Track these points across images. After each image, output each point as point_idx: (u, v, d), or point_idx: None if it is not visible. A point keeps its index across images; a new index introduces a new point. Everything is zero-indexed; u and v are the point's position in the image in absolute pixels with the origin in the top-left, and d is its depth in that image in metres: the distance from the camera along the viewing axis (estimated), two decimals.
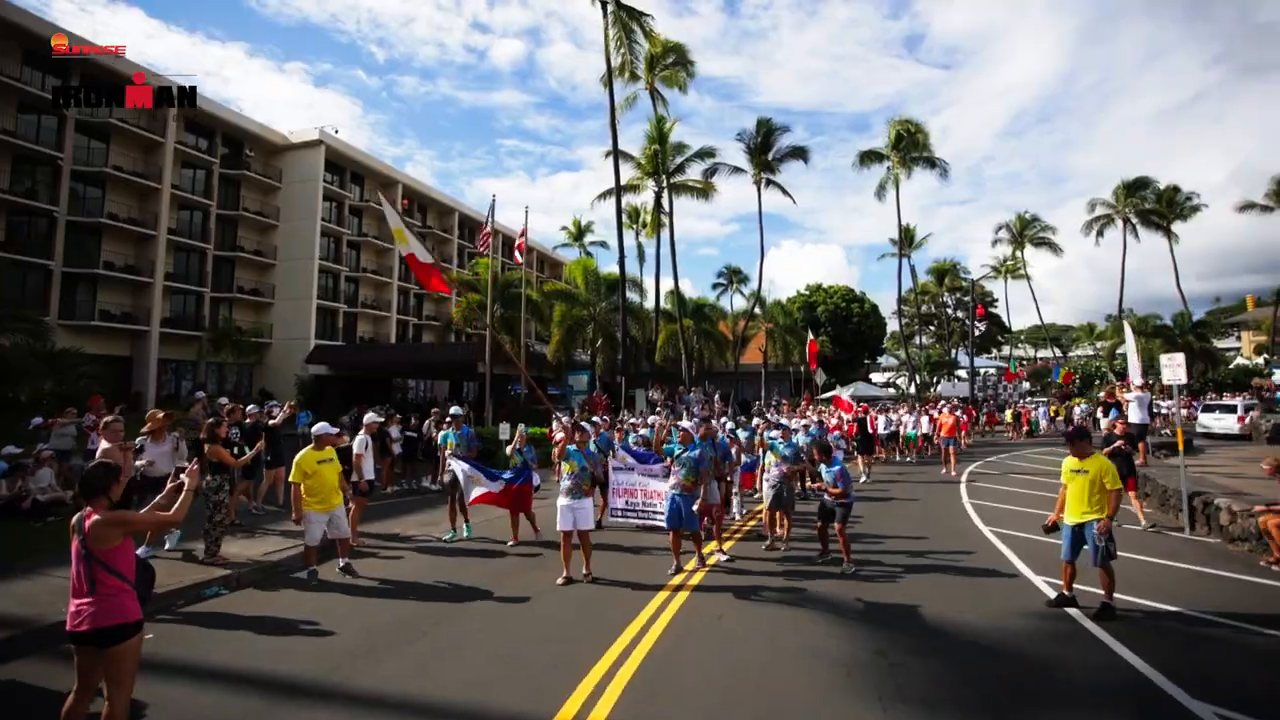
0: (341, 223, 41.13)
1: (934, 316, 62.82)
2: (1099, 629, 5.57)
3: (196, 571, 6.83)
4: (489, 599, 6.50)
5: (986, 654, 5.14)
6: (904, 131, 38.05)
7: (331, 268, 40.03)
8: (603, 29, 24.64)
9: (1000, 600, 6.42)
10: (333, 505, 7.03)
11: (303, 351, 34.87)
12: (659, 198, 29.58)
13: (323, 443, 7.13)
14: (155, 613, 5.89)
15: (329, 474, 7.09)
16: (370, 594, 6.68)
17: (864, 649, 5.18)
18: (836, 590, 6.76)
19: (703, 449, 7.78)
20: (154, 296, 31.39)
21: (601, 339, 29.59)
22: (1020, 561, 7.80)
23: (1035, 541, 8.71)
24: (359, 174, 43.02)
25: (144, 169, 31.48)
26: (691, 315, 34.42)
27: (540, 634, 5.54)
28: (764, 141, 32.44)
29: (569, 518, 7.00)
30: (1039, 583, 6.96)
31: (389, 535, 9.20)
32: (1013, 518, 10.51)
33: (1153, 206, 45.51)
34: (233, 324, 34.44)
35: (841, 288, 51.42)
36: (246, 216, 36.85)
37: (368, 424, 9.07)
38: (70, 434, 11.46)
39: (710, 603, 6.34)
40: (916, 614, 6.03)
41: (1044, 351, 78.73)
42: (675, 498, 7.37)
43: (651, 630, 5.57)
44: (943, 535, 9.33)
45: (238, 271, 37.21)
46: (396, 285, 45.38)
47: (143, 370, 30.86)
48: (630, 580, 7.03)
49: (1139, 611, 6.06)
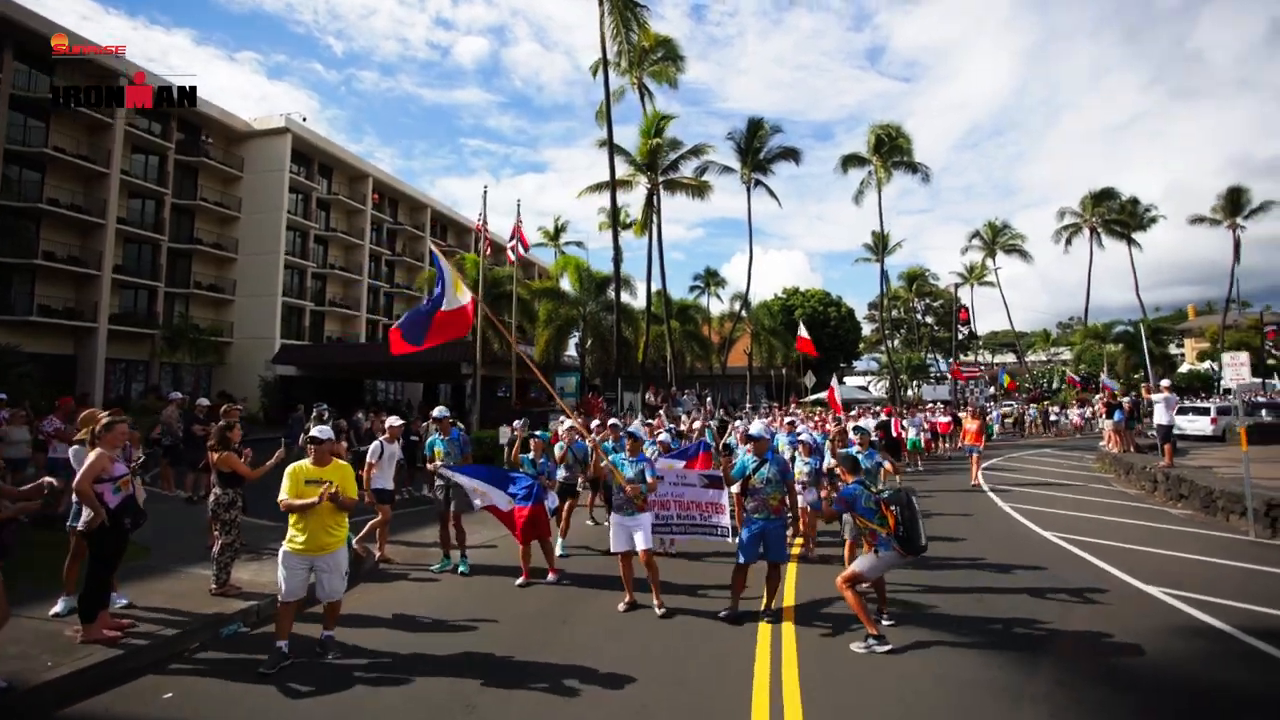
0: (309, 216, 39.00)
1: (904, 321, 63.63)
2: (1269, 646, 4.94)
3: (208, 603, 5.67)
4: (555, 642, 5.50)
5: (1161, 679, 4.51)
6: (884, 135, 38.10)
7: (298, 263, 37.89)
8: (599, 17, 23.71)
9: (1136, 618, 5.76)
10: (324, 548, 4.84)
11: (266, 351, 32.78)
12: (651, 195, 28.74)
13: (324, 454, 4.99)
14: (167, 660, 4.76)
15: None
16: (410, 628, 5.65)
17: (1035, 678, 4.46)
18: (950, 607, 6.02)
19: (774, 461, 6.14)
20: (101, 290, 28.93)
21: (591, 339, 28.54)
22: (1123, 573, 7.18)
23: (1120, 549, 8.22)
24: (328, 165, 40.90)
25: (90, 152, 29.04)
26: (677, 317, 33.73)
27: (660, 677, 4.62)
28: (754, 141, 31.98)
29: (623, 537, 6.01)
30: (1159, 594, 6.36)
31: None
32: (1074, 523, 10.01)
33: (1116, 216, 46.88)
34: (190, 321, 32.12)
35: (819, 291, 51.55)
36: (205, 207, 34.53)
37: (391, 429, 7.95)
38: (24, 439, 9.94)
39: (826, 632, 5.48)
40: (1059, 636, 5.33)
41: (1001, 357, 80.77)
42: (761, 524, 5.80)
43: (786, 668, 4.71)
44: (1016, 548, 8.56)
45: (195, 265, 34.82)
46: (366, 283, 43.34)
47: (88, 370, 28.41)
48: (699, 609, 6.01)
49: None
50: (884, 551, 5.27)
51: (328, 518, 4.84)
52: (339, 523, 4.95)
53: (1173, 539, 9.04)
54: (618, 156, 25.90)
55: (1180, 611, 5.91)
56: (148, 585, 6.05)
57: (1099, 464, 18.16)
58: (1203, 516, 10.70)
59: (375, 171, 44.04)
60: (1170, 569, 7.35)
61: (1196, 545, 8.62)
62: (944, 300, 57.82)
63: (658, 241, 28.80)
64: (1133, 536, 9.12)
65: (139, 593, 5.77)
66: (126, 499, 4.93)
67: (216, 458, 6.00)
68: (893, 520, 5.22)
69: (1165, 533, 9.49)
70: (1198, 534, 9.39)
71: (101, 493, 4.79)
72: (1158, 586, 6.61)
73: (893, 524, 5.21)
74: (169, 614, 5.36)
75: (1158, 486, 13.08)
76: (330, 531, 4.87)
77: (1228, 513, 10.31)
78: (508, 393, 28.53)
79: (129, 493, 4.96)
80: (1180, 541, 8.86)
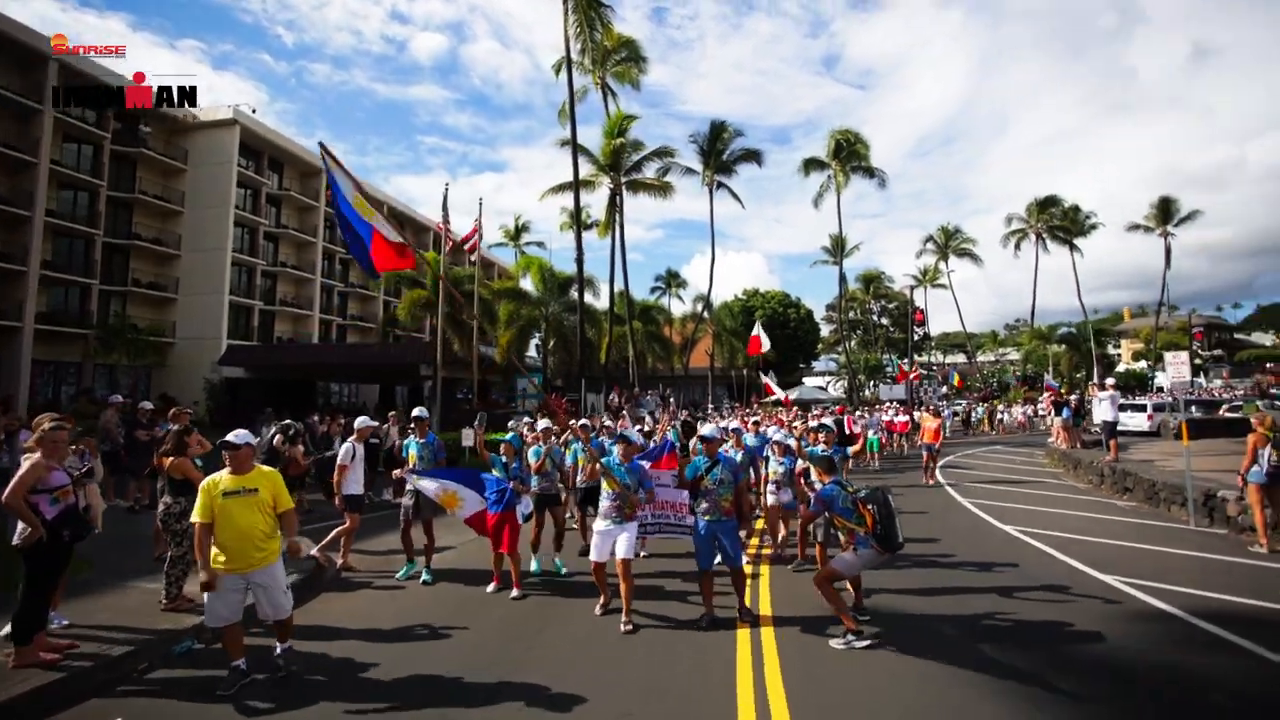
0: (258, 212, 37.51)
1: (861, 322, 65.04)
2: (1234, 635, 5.14)
3: (158, 619, 5.31)
4: (531, 651, 5.34)
5: (1126, 664, 4.64)
6: (844, 141, 38.90)
7: (246, 261, 36.39)
8: (562, 15, 23.46)
9: (1098, 606, 5.95)
10: (253, 564, 4.36)
11: (212, 352, 31.33)
12: (614, 195, 28.62)
13: (242, 461, 4.49)
14: (114, 682, 4.44)
15: (244, 514, 4.34)
16: (377, 639, 5.42)
17: (1012, 670, 4.53)
18: (923, 604, 6.11)
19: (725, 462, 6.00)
20: (27, 288, 27.20)
21: (554, 340, 28.25)
22: (1082, 564, 7.41)
23: (1076, 541, 8.53)
24: (278, 159, 39.42)
25: (16, 140, 27.31)
26: (639, 318, 33.71)
27: (641, 685, 4.52)
28: (716, 144, 32.18)
29: (606, 546, 5.78)
30: (1115, 583, 6.61)
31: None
32: (1031, 517, 10.31)
33: (1060, 223, 48.92)
34: (127, 321, 30.51)
35: (778, 293, 52.29)
36: (144, 200, 32.82)
37: (359, 429, 7.65)
38: None
39: (809, 635, 5.44)
40: (1030, 627, 5.45)
41: (952, 357, 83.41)
42: (710, 526, 5.73)
43: (769, 670, 4.67)
44: (981, 544, 8.72)
45: (134, 262, 33.08)
46: (320, 282, 41.95)
47: (12, 371, 26.70)
48: (677, 617, 5.82)
49: (1238, 610, 5.72)
50: (862, 550, 5.29)
51: (255, 529, 4.34)
52: (269, 533, 4.42)
53: (1122, 529, 9.42)
54: (581, 156, 25.71)
55: (1136, 599, 6.15)
56: (91, 602, 5.64)
57: (1049, 459, 18.86)
58: (1147, 507, 11.18)
59: None
60: (1123, 558, 7.68)
61: (1143, 535, 9.02)
62: (899, 302, 59.31)
63: (620, 242, 28.75)
64: (1086, 528, 9.47)
65: (82, 610, 5.37)
66: (66, 510, 4.58)
67: (170, 463, 5.64)
68: (870, 519, 5.24)
69: (1115, 523, 9.88)
70: (1143, 524, 9.82)
71: (36, 504, 4.44)
72: (1114, 575, 6.87)
73: (870, 523, 5.23)
74: (115, 632, 4.99)
75: (1104, 480, 13.63)
76: (259, 545, 4.35)
77: (1169, 503, 10.80)
78: (468, 394, 27.98)
79: (68, 503, 4.60)
80: (1129, 532, 9.24)
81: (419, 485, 6.85)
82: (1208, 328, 70.16)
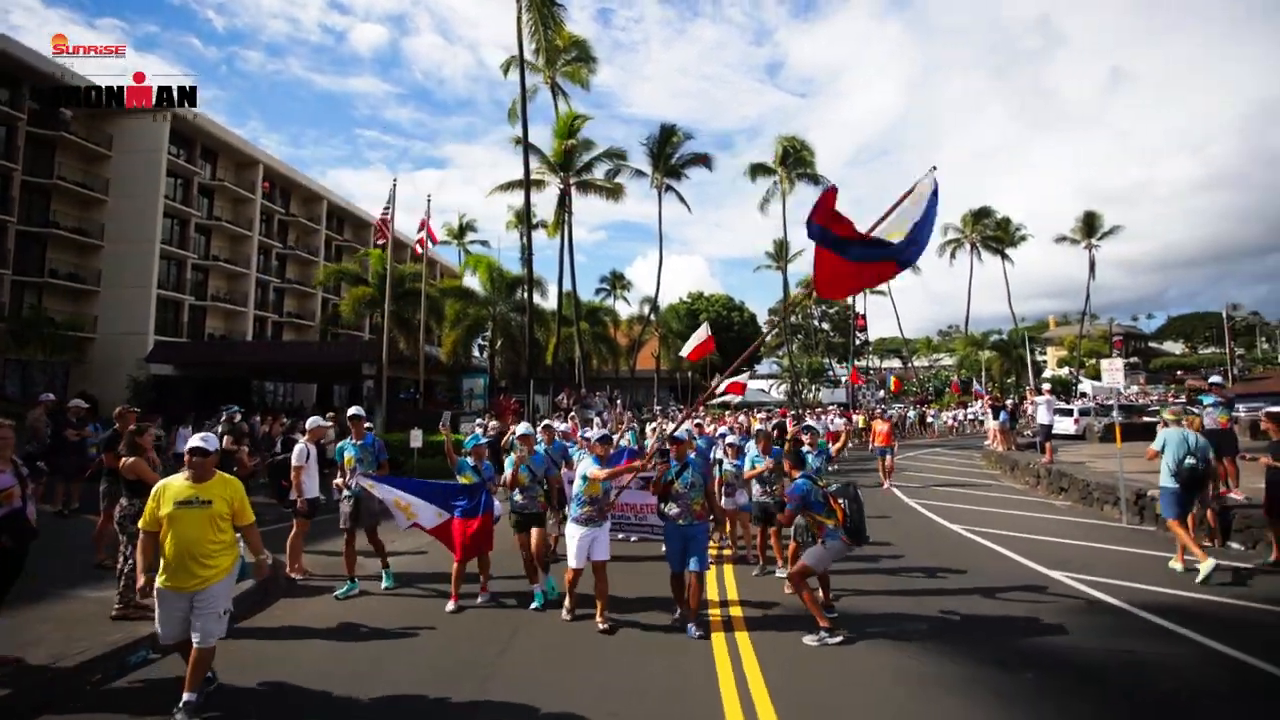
0: (189, 203, 35.57)
1: (802, 327, 66.61)
2: (1175, 625, 5.51)
3: (110, 629, 4.97)
4: (505, 657, 5.25)
5: (1082, 655, 4.92)
6: (790, 147, 39.77)
7: (176, 253, 34.44)
8: (516, 12, 23.18)
9: (1049, 601, 6.29)
10: (195, 583, 3.88)
11: (138, 349, 29.48)
12: (563, 195, 28.45)
13: (206, 470, 4.05)
14: (64, 698, 4.14)
15: (193, 526, 3.90)
16: (346, 645, 5.24)
17: (977, 665, 4.75)
18: (887, 602, 6.32)
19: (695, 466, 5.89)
20: None
21: (501, 340, 27.86)
22: (1030, 560, 7.81)
23: (1021, 539, 9.00)
24: (211, 149, 37.51)
25: None
26: (586, 319, 33.61)
27: (624, 686, 4.52)
28: (666, 147, 32.42)
29: (583, 551, 5.66)
30: (1062, 578, 6.99)
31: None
32: (977, 517, 10.80)
33: (993, 233, 51.45)
34: (43, 313, 28.47)
35: (722, 296, 53.10)
36: (63, 187, 30.64)
37: (311, 430, 7.36)
38: None
39: (783, 633, 5.52)
40: (988, 623, 5.72)
41: (889, 362, 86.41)
42: (681, 530, 5.66)
43: (748, 668, 4.73)
44: (934, 544, 9.07)
45: (51, 252, 30.81)
46: (255, 277, 40.08)
47: None
48: (650, 623, 5.78)
49: (1175, 601, 6.15)
50: (831, 542, 5.44)
51: (201, 543, 3.89)
52: (217, 549, 3.96)
53: (1062, 527, 9.96)
54: (531, 155, 25.46)
55: (1085, 593, 6.49)
56: (34, 612, 5.25)
57: (986, 461, 19.76)
58: (1081, 507, 11.85)
59: (266, 158, 40.92)
60: (1066, 555, 8.11)
61: (1081, 532, 9.56)
62: (839, 308, 61.07)
63: (569, 243, 28.61)
64: (1029, 527, 9.98)
65: (24, 622, 4.99)
66: (10, 514, 4.24)
67: (125, 464, 5.30)
68: (841, 512, 5.40)
69: (1055, 522, 10.45)
70: (1080, 522, 10.40)
71: None
72: (1060, 571, 7.25)
73: (841, 516, 5.39)
74: (64, 644, 4.65)
75: (1040, 481, 14.39)
76: (203, 562, 3.87)
77: (1102, 503, 11.48)
78: (413, 394, 27.28)
79: (13, 507, 4.26)
80: (1069, 529, 9.78)
81: (376, 492, 6.56)
82: (1126, 336, 75.02)
